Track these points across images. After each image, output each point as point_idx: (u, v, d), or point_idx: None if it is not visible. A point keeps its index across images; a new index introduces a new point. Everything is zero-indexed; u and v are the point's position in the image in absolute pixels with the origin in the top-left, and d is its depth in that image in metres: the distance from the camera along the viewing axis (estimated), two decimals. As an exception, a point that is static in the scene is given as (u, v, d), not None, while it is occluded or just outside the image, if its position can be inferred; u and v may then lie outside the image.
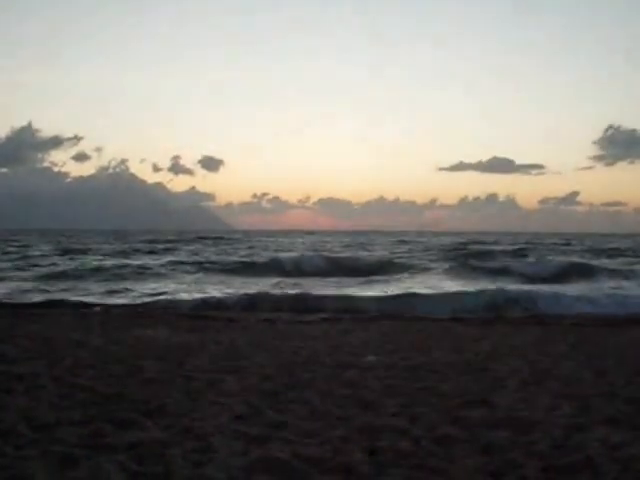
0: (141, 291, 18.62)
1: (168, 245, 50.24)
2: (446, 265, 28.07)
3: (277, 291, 17.82)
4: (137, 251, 41.26)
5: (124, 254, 37.60)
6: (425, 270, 26.96)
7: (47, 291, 18.32)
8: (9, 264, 28.23)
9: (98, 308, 14.49)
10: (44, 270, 25.55)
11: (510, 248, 44.74)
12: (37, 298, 16.38)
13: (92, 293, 17.90)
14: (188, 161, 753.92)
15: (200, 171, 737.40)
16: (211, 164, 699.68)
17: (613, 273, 24.38)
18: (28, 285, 19.93)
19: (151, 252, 40.20)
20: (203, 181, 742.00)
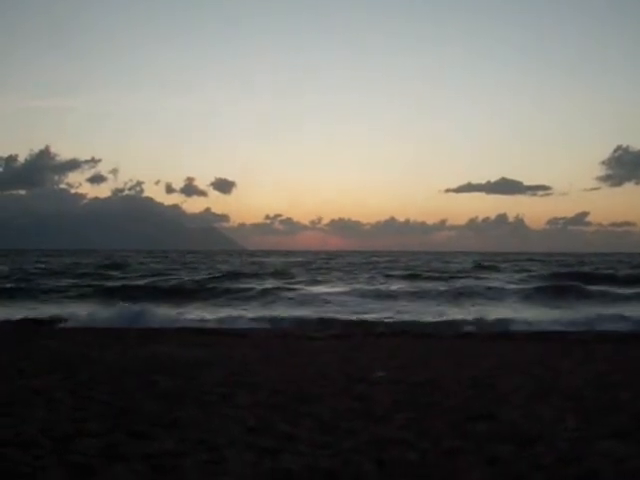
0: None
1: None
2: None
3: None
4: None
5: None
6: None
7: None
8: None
9: None
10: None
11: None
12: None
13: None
14: (201, 183, 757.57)
15: (213, 193, 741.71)
16: (224, 186, 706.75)
17: None
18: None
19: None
20: (216, 202, 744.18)
